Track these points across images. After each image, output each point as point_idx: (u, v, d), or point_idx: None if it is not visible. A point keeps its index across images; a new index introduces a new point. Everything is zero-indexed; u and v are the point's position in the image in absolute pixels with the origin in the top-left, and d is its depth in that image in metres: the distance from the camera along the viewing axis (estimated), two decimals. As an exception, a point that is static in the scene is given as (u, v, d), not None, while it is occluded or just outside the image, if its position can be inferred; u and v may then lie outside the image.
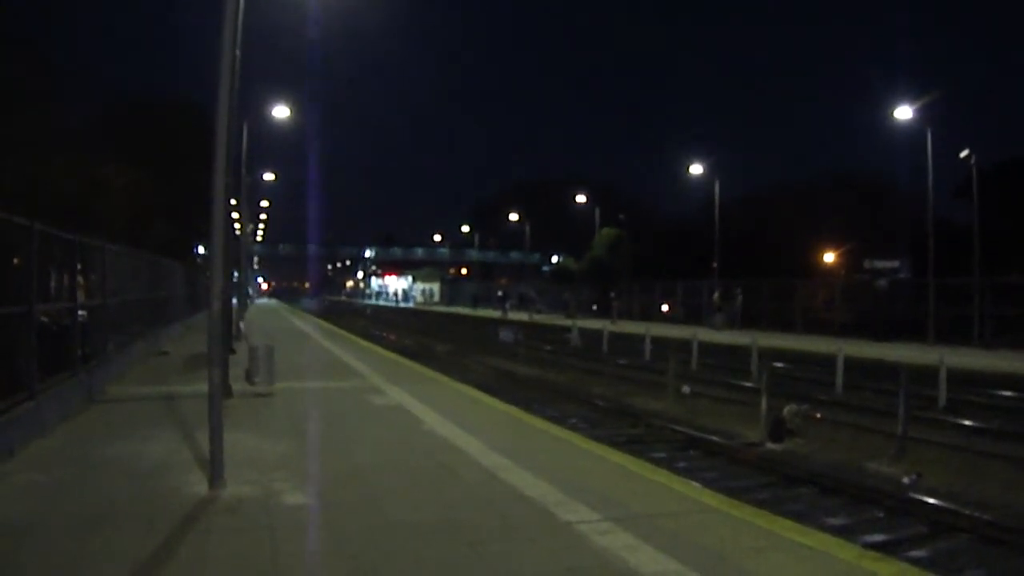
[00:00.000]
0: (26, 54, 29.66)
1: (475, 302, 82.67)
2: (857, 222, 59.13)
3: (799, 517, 8.98)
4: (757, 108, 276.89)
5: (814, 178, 74.09)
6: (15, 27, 29.73)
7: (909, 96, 37.58)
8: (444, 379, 18.04)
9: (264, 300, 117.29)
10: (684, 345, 28.20)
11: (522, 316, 58.01)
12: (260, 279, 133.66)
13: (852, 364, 22.14)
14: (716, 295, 44.11)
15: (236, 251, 27.29)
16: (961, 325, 31.44)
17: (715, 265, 49.24)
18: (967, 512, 10.51)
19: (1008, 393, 19.81)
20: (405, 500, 7.38)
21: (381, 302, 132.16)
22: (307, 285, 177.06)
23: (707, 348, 28.94)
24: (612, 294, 53.94)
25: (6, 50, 28.43)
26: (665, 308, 52.52)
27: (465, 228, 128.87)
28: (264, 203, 73.35)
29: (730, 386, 22.31)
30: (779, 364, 24.95)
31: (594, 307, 61.78)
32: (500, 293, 75.20)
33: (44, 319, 11.00)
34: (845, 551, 6.14)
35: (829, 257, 59.53)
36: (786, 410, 16.15)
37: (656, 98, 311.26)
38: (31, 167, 29.01)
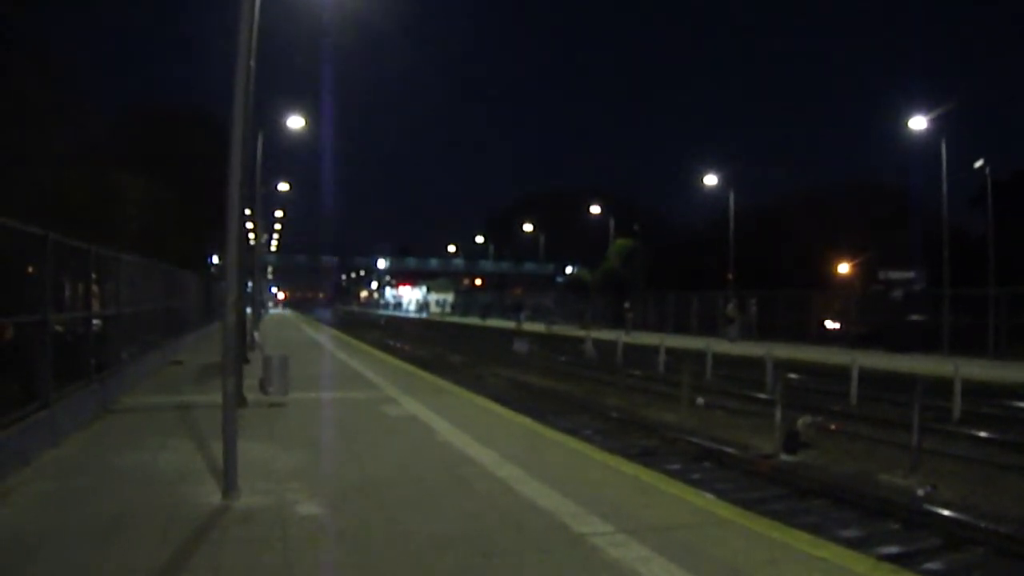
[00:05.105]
0: (41, 66, 29.83)
1: (483, 313, 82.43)
2: (872, 233, 58.92)
3: (813, 529, 8.94)
4: (771, 119, 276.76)
5: (828, 189, 73.91)
6: (28, 39, 29.90)
7: (924, 106, 37.49)
8: (458, 390, 18.03)
9: (277, 310, 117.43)
10: (698, 356, 28.12)
11: (537, 327, 57.88)
12: (274, 289, 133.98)
13: (866, 375, 22.02)
14: (730, 306, 43.91)
15: (250, 261, 27.39)
16: (976, 336, 31.25)
17: (731, 276, 49.05)
18: (982, 525, 10.43)
19: (1023, 404, 19.70)
20: (419, 511, 7.38)
21: (391, 312, 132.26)
22: (321, 295, 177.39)
23: (721, 360, 28.84)
24: (626, 305, 53.81)
25: (20, 62, 28.60)
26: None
27: (479, 239, 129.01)
28: (279, 213, 73.61)
29: (744, 397, 22.21)
30: (793, 375, 24.85)
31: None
32: (519, 304, 75.21)
33: (59, 328, 11.05)
34: (860, 563, 6.10)
35: (844, 268, 59.29)
36: (800, 422, 16.08)
37: (671, 109, 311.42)
38: (46, 178, 29.15)
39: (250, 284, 27.08)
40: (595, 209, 79.23)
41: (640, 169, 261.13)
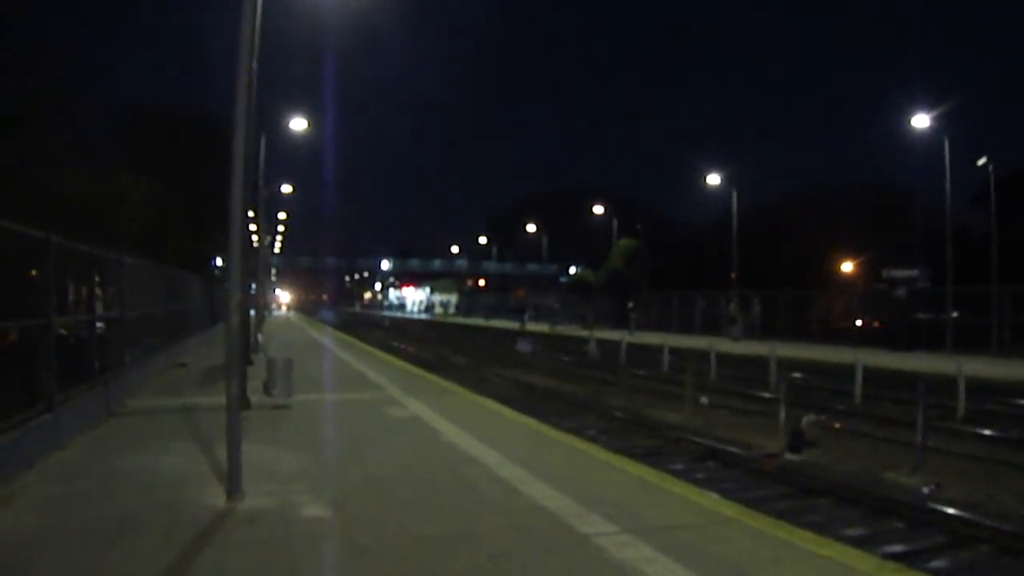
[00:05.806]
0: (41, 66, 29.82)
1: (488, 314, 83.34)
2: (874, 231, 58.93)
3: (818, 528, 8.93)
4: (773, 118, 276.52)
5: (829, 188, 73.98)
6: (31, 41, 29.91)
7: (926, 104, 37.49)
8: (462, 391, 18.02)
9: (280, 312, 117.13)
10: (702, 356, 28.08)
11: (540, 328, 57.87)
12: (278, 290, 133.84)
13: (870, 374, 21.99)
14: (732, 305, 43.91)
15: (254, 263, 27.39)
16: (980, 334, 31.24)
17: (734, 275, 49.00)
18: (987, 523, 10.42)
19: (1027, 402, 19.65)
20: (424, 512, 7.37)
21: (394, 313, 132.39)
22: (325, 297, 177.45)
23: (725, 359, 28.81)
24: (630, 305, 53.72)
25: (23, 64, 28.60)
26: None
27: (482, 240, 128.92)
28: (282, 215, 73.53)
29: (748, 397, 22.19)
30: (797, 374, 24.83)
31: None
32: (523, 305, 75.63)
33: (62, 331, 11.05)
34: (864, 562, 6.09)
35: (847, 267, 59.27)
36: (804, 420, 16.06)
37: (673, 109, 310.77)
38: (48, 180, 29.13)
39: (253, 286, 27.08)
40: (598, 209, 79.12)
41: (640, 169, 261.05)
